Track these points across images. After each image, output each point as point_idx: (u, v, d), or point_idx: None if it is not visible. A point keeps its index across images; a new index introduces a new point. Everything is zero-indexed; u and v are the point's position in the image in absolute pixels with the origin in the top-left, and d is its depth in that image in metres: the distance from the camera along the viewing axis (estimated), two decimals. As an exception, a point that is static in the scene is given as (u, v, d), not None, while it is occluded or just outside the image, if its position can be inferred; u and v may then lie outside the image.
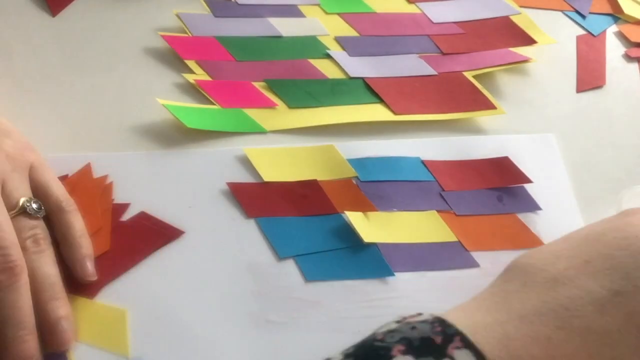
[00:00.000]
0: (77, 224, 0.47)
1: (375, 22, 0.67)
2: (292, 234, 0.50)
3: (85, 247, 0.46)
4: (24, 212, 0.45)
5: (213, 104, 0.57)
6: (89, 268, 0.45)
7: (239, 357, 0.44)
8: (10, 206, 0.44)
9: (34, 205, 0.45)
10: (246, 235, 0.49)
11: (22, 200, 0.45)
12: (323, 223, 0.51)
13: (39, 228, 0.45)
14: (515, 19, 0.69)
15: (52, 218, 0.46)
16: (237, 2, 0.66)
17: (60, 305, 0.43)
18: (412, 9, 0.69)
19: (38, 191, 0.47)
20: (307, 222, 0.51)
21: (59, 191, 0.47)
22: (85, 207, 0.48)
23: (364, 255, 0.49)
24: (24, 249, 0.43)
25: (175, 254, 0.48)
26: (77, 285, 0.45)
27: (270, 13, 0.66)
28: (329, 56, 0.63)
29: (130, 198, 0.50)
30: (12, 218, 0.44)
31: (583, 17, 0.71)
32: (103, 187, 0.50)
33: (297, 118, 0.57)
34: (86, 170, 0.51)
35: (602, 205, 0.54)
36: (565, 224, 0.53)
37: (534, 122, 0.60)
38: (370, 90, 0.60)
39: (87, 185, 0.50)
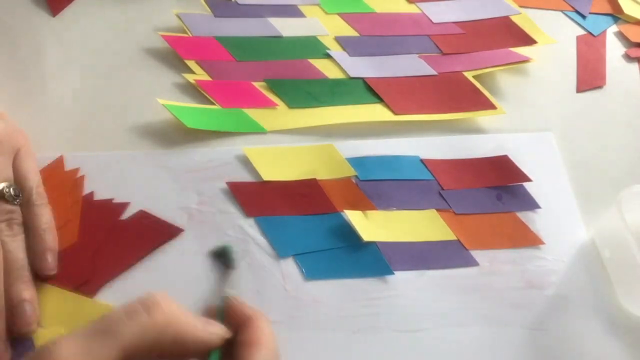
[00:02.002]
0: (44, 217, 0.47)
1: (375, 22, 0.67)
2: (291, 233, 0.50)
3: (49, 241, 0.46)
4: (2, 197, 0.45)
5: (213, 104, 0.57)
6: (49, 261, 0.46)
7: (239, 356, 0.44)
8: None
9: (13, 192, 0.46)
10: (246, 235, 0.49)
11: (1, 185, 0.46)
12: (322, 222, 0.51)
13: (15, 213, 0.46)
14: (515, 19, 0.69)
15: (23, 208, 0.47)
16: (237, 2, 0.66)
17: (25, 288, 0.43)
18: (412, 9, 0.69)
19: (16, 179, 0.48)
20: (306, 221, 0.51)
21: (34, 183, 0.48)
22: (55, 199, 0.49)
23: (364, 254, 0.49)
24: None
25: (174, 253, 0.48)
26: (77, 283, 0.45)
27: (270, 13, 0.66)
28: (329, 56, 0.63)
29: (130, 197, 0.50)
30: None
31: (583, 17, 0.71)
32: (74, 181, 0.51)
33: (297, 118, 0.57)
34: (58, 163, 0.52)
35: (602, 204, 0.54)
36: (565, 223, 0.54)
37: (533, 122, 0.60)
38: (370, 90, 0.60)
39: (58, 178, 0.51)
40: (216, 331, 0.32)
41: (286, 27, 0.65)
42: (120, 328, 0.28)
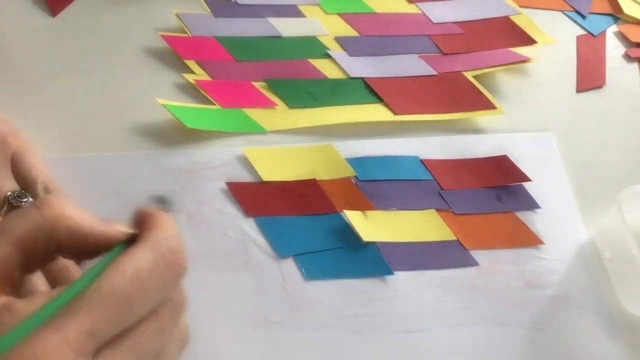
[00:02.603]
0: None
1: (375, 22, 0.67)
2: (291, 233, 0.50)
3: None
4: (12, 207, 0.45)
5: (213, 104, 0.57)
6: None
7: (239, 357, 0.44)
8: None
9: (19, 197, 0.46)
10: (245, 235, 0.49)
11: (8, 196, 0.45)
12: (322, 222, 0.51)
13: None
14: (515, 19, 0.69)
15: None
16: (237, 2, 0.66)
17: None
18: (412, 9, 0.69)
19: (22, 179, 0.47)
20: (306, 222, 0.51)
21: (41, 176, 0.48)
22: None
23: (363, 254, 0.49)
24: None
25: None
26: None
27: (270, 13, 0.66)
28: (329, 56, 0.63)
29: (130, 197, 0.50)
30: (4, 216, 0.44)
31: (583, 17, 0.71)
32: None
33: (297, 118, 0.57)
34: None
35: (602, 204, 0.54)
36: (564, 223, 0.54)
37: (533, 122, 0.60)
38: (370, 90, 0.60)
39: None
40: (117, 227, 0.32)
41: (286, 27, 0.65)
42: (11, 224, 0.29)
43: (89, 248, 0.30)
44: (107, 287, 0.28)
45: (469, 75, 0.63)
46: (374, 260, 0.49)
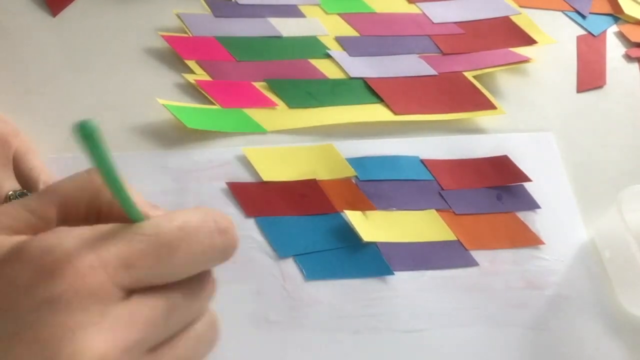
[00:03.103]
0: None
1: (375, 22, 0.67)
2: (291, 233, 0.50)
3: None
4: None
5: (213, 104, 0.57)
6: None
7: (239, 357, 0.44)
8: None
9: (21, 196, 0.46)
10: (245, 235, 0.49)
11: (9, 195, 0.46)
12: (322, 222, 0.51)
13: None
14: (515, 19, 0.69)
15: None
16: (237, 2, 0.66)
17: None
18: (412, 9, 0.69)
19: (24, 179, 0.48)
20: (306, 222, 0.51)
21: (43, 176, 0.48)
22: None
23: (364, 254, 0.49)
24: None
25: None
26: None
27: (270, 13, 0.66)
28: (329, 56, 0.63)
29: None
30: None
31: (583, 17, 0.71)
32: None
33: (297, 118, 0.57)
34: None
35: (602, 204, 0.54)
36: (565, 223, 0.54)
37: (533, 122, 0.60)
38: (370, 90, 0.60)
39: None
40: (160, 211, 0.31)
41: (286, 27, 0.65)
42: (59, 184, 0.29)
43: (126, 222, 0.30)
44: (152, 227, 0.27)
45: (469, 75, 0.63)
46: (374, 261, 0.49)
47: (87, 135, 0.24)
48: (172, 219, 0.27)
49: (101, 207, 0.29)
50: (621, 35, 0.70)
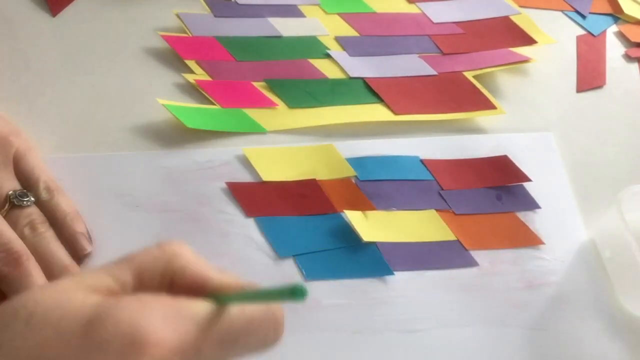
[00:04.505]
0: (61, 207, 0.47)
1: (375, 22, 0.67)
2: (291, 233, 0.50)
3: (74, 225, 0.47)
4: (13, 205, 0.46)
5: (213, 104, 0.57)
6: (81, 243, 0.46)
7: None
8: (0, 203, 0.46)
9: (21, 196, 0.46)
10: (245, 235, 0.49)
11: (9, 195, 0.46)
12: (322, 222, 0.51)
13: (33, 214, 0.46)
14: (515, 19, 0.69)
15: (40, 203, 0.47)
16: (237, 2, 0.66)
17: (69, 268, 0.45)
18: (412, 9, 0.69)
19: (24, 178, 0.48)
20: (306, 222, 0.51)
21: (39, 178, 0.48)
22: None
23: (364, 254, 0.49)
24: (23, 238, 0.44)
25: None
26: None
27: (270, 13, 0.66)
28: (329, 56, 0.63)
29: (130, 197, 0.50)
30: (5, 215, 0.45)
31: (583, 17, 0.71)
32: None
33: (297, 118, 0.57)
34: None
35: (602, 204, 0.54)
36: (565, 223, 0.54)
37: (533, 122, 0.60)
38: (370, 90, 0.60)
39: None
40: (231, 275, 0.34)
41: (286, 27, 0.65)
42: (134, 256, 0.32)
43: (199, 289, 0.32)
44: (225, 321, 0.30)
45: (469, 75, 0.63)
46: (374, 261, 0.49)
47: (297, 298, 0.27)
48: (242, 310, 0.31)
49: (174, 275, 0.32)
50: (621, 35, 0.70)
